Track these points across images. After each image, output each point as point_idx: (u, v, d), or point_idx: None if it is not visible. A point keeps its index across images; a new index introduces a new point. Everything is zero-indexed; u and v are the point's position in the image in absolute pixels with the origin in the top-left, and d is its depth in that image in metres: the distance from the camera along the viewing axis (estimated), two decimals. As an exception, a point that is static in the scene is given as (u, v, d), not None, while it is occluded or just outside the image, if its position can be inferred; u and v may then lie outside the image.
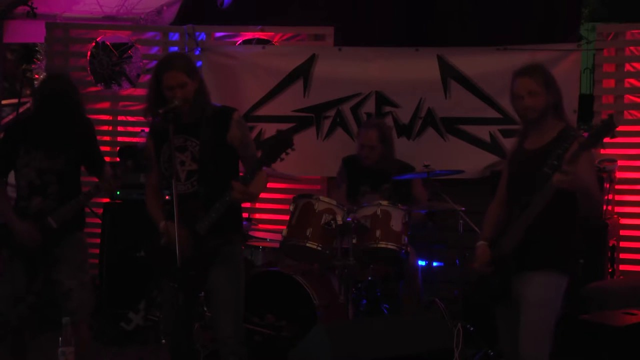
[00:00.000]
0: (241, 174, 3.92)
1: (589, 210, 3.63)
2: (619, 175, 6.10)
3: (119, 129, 7.04)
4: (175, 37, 6.88)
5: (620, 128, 5.87)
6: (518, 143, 3.94)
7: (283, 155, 3.76)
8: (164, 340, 4.33)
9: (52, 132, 4.33)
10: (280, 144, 3.75)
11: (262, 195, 4.14)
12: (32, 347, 4.55)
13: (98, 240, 6.28)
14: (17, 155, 4.38)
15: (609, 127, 3.42)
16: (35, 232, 4.30)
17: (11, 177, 4.54)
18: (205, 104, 3.97)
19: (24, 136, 4.38)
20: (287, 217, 5.34)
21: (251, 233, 5.91)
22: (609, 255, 5.81)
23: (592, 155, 3.69)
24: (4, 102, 7.48)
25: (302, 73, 6.53)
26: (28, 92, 7.69)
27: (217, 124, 3.95)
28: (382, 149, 5.75)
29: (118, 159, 6.39)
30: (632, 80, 6.21)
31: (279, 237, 5.36)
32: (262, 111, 6.60)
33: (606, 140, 3.45)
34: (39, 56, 7.25)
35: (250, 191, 3.83)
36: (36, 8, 6.56)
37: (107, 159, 4.75)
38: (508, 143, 4.10)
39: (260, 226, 6.43)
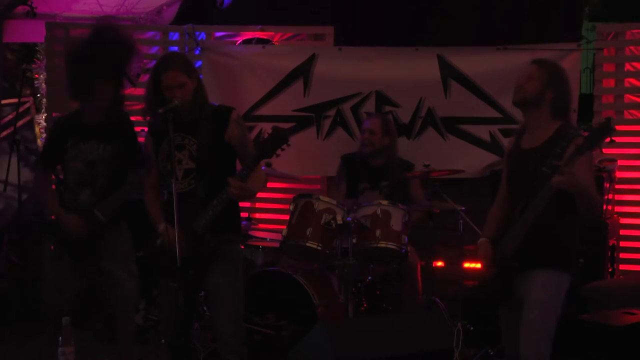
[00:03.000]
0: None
1: (588, 211, 3.63)
2: (619, 175, 6.10)
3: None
4: (175, 36, 6.87)
5: (620, 128, 6.00)
6: (515, 141, 3.94)
7: (279, 152, 3.78)
8: (163, 340, 4.32)
9: (100, 123, 4.31)
10: (275, 140, 3.76)
11: (262, 195, 4.15)
12: (32, 347, 4.55)
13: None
14: (65, 149, 4.35)
15: (605, 131, 3.42)
16: (82, 223, 4.28)
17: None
18: (204, 103, 3.98)
19: (73, 129, 4.35)
20: (287, 217, 5.33)
21: (251, 233, 5.90)
22: (609, 255, 5.81)
23: (590, 157, 3.69)
24: (4, 102, 7.47)
25: (302, 73, 6.52)
26: (28, 91, 7.68)
27: (215, 123, 3.95)
28: (383, 138, 5.75)
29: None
30: (632, 80, 6.21)
31: (279, 237, 5.36)
32: (262, 111, 6.59)
33: (606, 140, 3.45)
34: (39, 56, 7.22)
35: (247, 187, 3.83)
36: (36, 8, 6.55)
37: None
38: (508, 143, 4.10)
39: (260, 226, 6.41)
